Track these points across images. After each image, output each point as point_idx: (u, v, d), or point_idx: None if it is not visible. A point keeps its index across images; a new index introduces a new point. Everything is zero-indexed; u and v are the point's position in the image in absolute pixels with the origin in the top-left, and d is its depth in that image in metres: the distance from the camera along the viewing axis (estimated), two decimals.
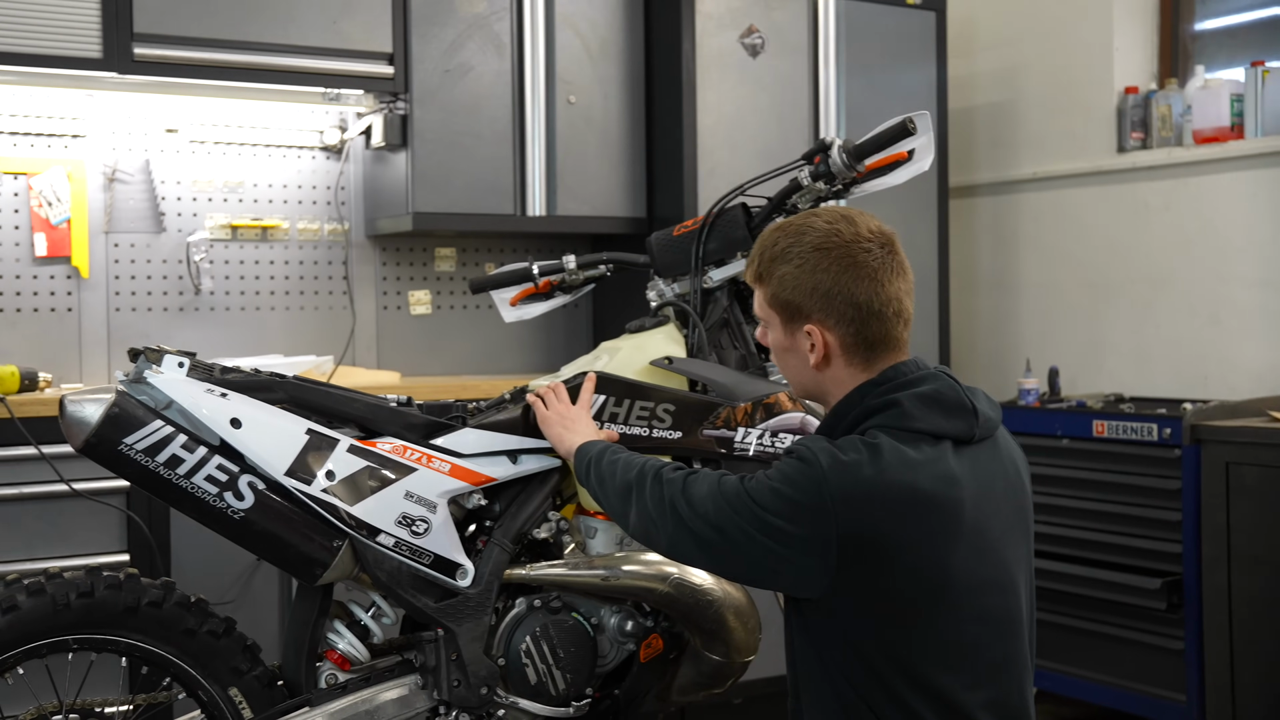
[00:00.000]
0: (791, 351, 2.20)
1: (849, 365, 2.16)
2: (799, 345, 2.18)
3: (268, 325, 4.29)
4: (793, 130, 4.45)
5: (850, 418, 2.13)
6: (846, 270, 2.12)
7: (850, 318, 2.13)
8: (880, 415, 2.09)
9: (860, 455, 2.01)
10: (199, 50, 3.79)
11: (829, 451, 2.02)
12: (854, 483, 1.99)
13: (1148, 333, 4.71)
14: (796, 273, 2.14)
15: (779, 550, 2.02)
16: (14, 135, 3.93)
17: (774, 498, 2.02)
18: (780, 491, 2.02)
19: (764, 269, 2.20)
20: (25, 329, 3.96)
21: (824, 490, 1.99)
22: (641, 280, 3.02)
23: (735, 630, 2.67)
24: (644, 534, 2.22)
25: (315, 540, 2.39)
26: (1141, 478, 4.02)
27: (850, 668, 2.06)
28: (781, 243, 2.18)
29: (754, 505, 2.04)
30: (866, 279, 2.12)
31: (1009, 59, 5.19)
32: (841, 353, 2.15)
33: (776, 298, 2.18)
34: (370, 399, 2.55)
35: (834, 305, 2.13)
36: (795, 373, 2.22)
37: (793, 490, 2.01)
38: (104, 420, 2.29)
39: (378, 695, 2.50)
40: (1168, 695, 3.96)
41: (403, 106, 4.10)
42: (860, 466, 2.00)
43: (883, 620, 2.04)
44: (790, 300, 2.16)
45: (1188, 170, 4.58)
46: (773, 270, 2.18)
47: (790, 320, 2.17)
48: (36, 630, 2.33)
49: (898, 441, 2.04)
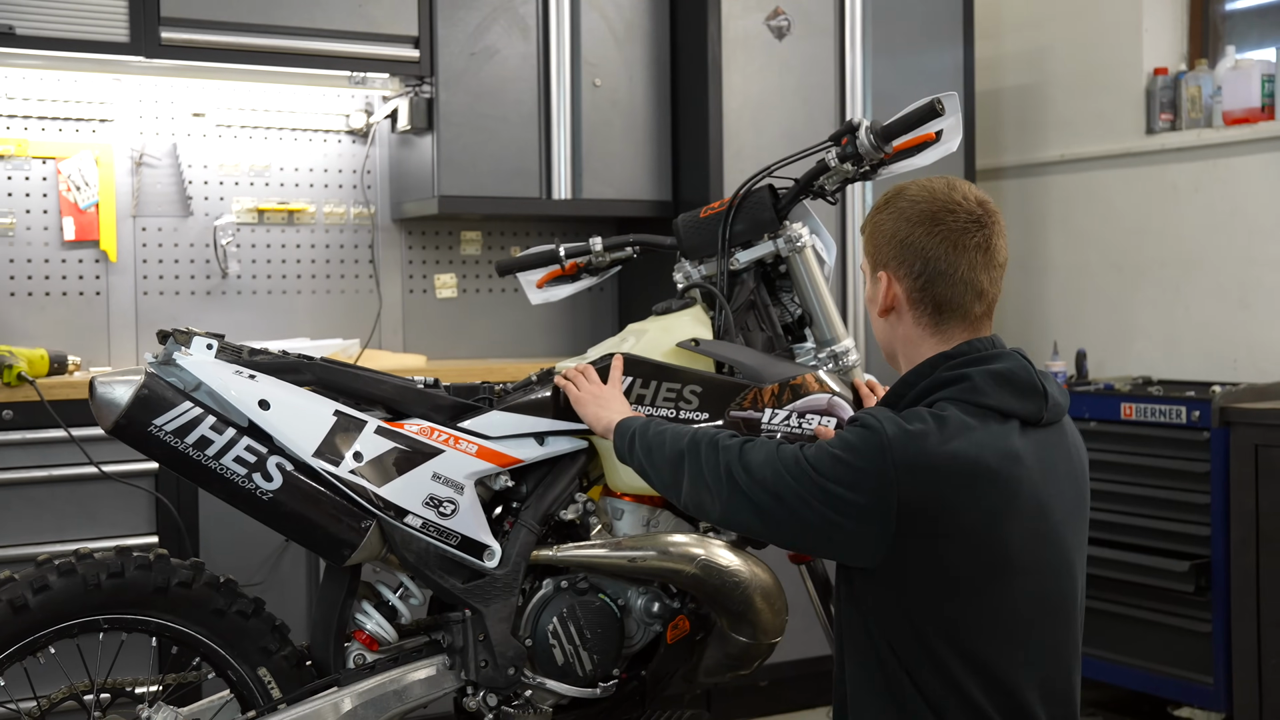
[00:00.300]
0: (872, 301, 2.25)
1: (916, 323, 2.18)
2: (877, 296, 2.22)
3: (294, 309, 4.31)
4: (818, 112, 4.44)
5: (920, 387, 2.13)
6: (924, 224, 2.16)
7: (919, 271, 2.15)
8: (950, 388, 2.09)
9: (926, 425, 2.01)
10: (225, 34, 3.80)
11: (894, 420, 2.03)
12: (917, 452, 1.99)
13: (1176, 315, 4.68)
14: (884, 221, 2.20)
15: (837, 518, 2.02)
16: (42, 120, 3.95)
17: (835, 464, 2.02)
18: (841, 459, 2.02)
19: (866, 220, 2.26)
20: (54, 312, 3.98)
21: (886, 458, 1.99)
22: (668, 262, 3.01)
23: (762, 612, 2.66)
24: (696, 502, 2.22)
25: (343, 521, 2.40)
26: (1170, 460, 4.01)
27: (898, 638, 2.06)
28: (885, 196, 2.24)
29: (814, 472, 2.04)
30: (942, 238, 2.15)
31: (1036, 40, 5.16)
32: (909, 307, 2.18)
33: (867, 245, 2.24)
34: (397, 380, 2.56)
35: (906, 256, 2.16)
36: (876, 329, 2.27)
37: (854, 457, 2.01)
38: (134, 402, 2.30)
39: (406, 675, 2.51)
40: (1195, 678, 3.95)
41: (428, 90, 4.10)
42: (925, 436, 2.00)
43: (937, 592, 2.04)
44: (875, 247, 2.22)
45: (1217, 152, 4.54)
46: (871, 219, 2.24)
47: (874, 267, 2.22)
48: (68, 610, 2.34)
49: (965, 415, 2.04)
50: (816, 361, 2.87)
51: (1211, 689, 3.90)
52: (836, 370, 2.86)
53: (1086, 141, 4.96)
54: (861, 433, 2.03)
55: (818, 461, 2.05)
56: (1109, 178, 4.90)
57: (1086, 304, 4.93)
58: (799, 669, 4.25)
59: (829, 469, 2.03)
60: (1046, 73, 5.12)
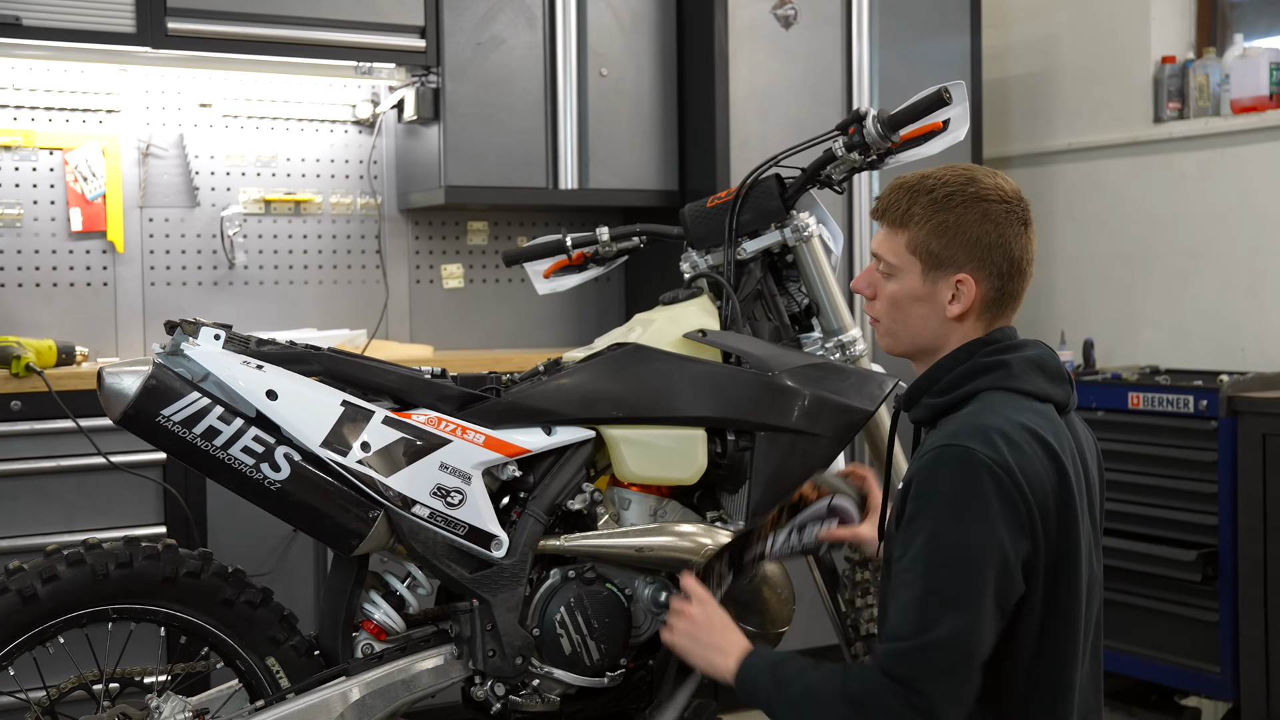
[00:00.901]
0: (925, 301, 2.16)
1: (977, 321, 2.16)
2: (938, 295, 2.15)
3: (301, 299, 4.31)
4: (825, 102, 4.43)
5: (956, 372, 2.13)
6: (1009, 224, 2.13)
7: (1001, 272, 2.13)
8: (989, 375, 2.10)
9: (1005, 450, 2.01)
10: (232, 24, 3.81)
11: (988, 474, 1.99)
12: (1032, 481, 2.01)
13: (1184, 304, 4.68)
14: (959, 221, 2.12)
15: (1013, 587, 2.01)
16: (49, 110, 3.95)
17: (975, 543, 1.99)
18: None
19: (905, 214, 2.15)
20: (62, 303, 3.99)
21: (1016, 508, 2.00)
22: (674, 252, 3.01)
23: (769, 601, 2.67)
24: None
25: (351, 511, 2.40)
26: (1177, 450, 4.00)
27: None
28: (939, 190, 2.14)
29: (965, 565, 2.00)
30: (1023, 236, 2.14)
31: (1044, 29, 5.14)
32: (981, 308, 2.15)
33: (923, 244, 2.14)
34: (405, 371, 2.56)
35: (990, 258, 2.12)
36: (917, 324, 2.18)
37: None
38: (142, 392, 2.30)
39: (414, 665, 2.51)
40: (1202, 667, 3.95)
41: (435, 80, 4.10)
42: (1021, 464, 2.01)
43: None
44: (942, 248, 2.13)
45: (1225, 140, 4.53)
46: (924, 215, 2.13)
47: (936, 268, 2.14)
48: (76, 600, 2.35)
49: (1006, 402, 2.06)
50: (823, 351, 2.87)
51: (1218, 678, 3.90)
52: (844, 360, 2.86)
53: (1094, 130, 4.95)
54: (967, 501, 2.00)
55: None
56: (1116, 167, 4.89)
57: (1094, 293, 4.92)
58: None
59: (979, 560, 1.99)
60: (1054, 62, 5.11)
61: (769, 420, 2.65)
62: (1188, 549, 3.95)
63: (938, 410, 2.15)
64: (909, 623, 1.98)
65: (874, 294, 2.23)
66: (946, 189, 2.13)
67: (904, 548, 2.03)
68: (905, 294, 2.17)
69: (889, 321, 2.22)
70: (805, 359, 2.73)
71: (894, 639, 1.99)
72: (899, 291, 2.18)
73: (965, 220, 2.12)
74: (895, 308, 2.19)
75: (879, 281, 2.22)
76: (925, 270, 2.15)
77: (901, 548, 2.04)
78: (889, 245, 2.18)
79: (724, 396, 2.65)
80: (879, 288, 2.22)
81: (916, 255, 2.15)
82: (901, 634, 1.99)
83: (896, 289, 2.18)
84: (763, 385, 2.66)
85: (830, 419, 2.67)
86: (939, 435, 2.08)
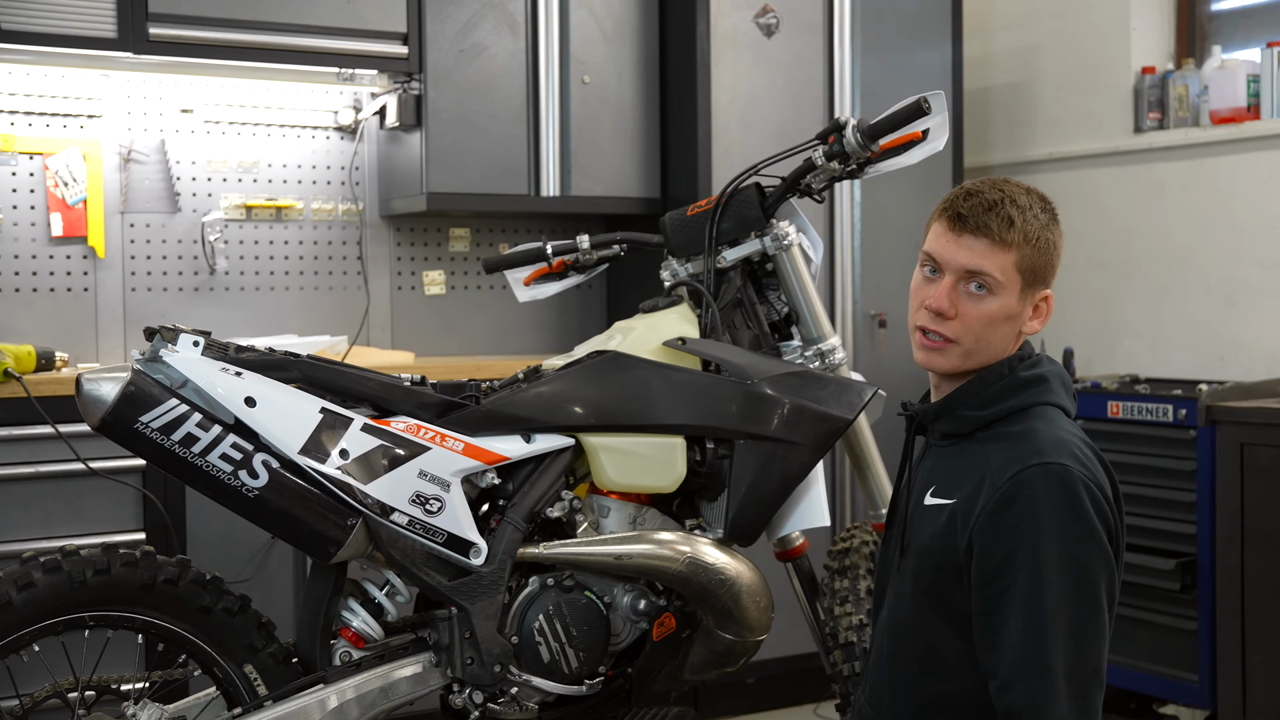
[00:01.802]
0: (1014, 319, 2.14)
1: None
2: (1024, 312, 2.15)
3: (282, 305, 4.30)
4: (807, 110, 4.44)
5: (999, 387, 2.13)
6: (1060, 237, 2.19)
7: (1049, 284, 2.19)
8: (1032, 390, 2.12)
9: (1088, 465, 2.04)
10: (214, 30, 3.80)
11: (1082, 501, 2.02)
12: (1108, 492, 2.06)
13: (1164, 314, 4.69)
14: (1054, 240, 2.16)
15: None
16: (30, 115, 3.94)
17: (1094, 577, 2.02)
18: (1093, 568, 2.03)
19: (1014, 230, 2.12)
20: (42, 308, 3.98)
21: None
22: (655, 260, 3.02)
23: (748, 609, 2.67)
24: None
25: (329, 518, 2.40)
26: (1156, 459, 4.01)
27: None
28: (1033, 207, 2.14)
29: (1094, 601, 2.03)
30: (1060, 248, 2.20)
31: (1025, 39, 5.16)
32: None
33: (1029, 262, 2.13)
34: (384, 378, 2.56)
35: (1055, 272, 2.18)
36: (999, 342, 2.15)
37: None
38: (120, 398, 2.30)
39: (392, 672, 2.51)
40: (1180, 675, 3.96)
41: (417, 86, 4.10)
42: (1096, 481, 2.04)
43: None
44: (1044, 268, 2.15)
45: (1205, 151, 4.56)
46: (1031, 234, 2.12)
47: (1031, 285, 2.14)
48: (53, 607, 2.34)
49: (1057, 418, 2.10)
50: (803, 360, 2.88)
51: (1196, 686, 3.91)
52: (824, 368, 2.86)
53: (1074, 140, 4.98)
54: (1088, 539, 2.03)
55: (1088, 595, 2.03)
56: (1097, 176, 4.91)
57: (1074, 302, 4.93)
58: (786, 666, 4.26)
59: (1099, 593, 2.04)
60: (1035, 71, 5.13)
61: (748, 428, 2.66)
62: (1166, 558, 3.96)
63: (976, 423, 2.13)
64: (1034, 654, 1.95)
65: (955, 313, 2.14)
66: (1044, 205, 2.17)
67: (1006, 569, 1.99)
68: (1003, 312, 2.13)
69: (972, 341, 2.14)
70: (785, 367, 2.74)
71: (1025, 672, 1.96)
72: (999, 310, 2.12)
73: (1057, 238, 2.17)
74: (989, 326, 2.13)
75: (961, 299, 2.14)
76: (1024, 288, 2.14)
77: (1000, 567, 1.99)
78: (994, 262, 2.11)
79: (703, 405, 2.65)
80: (961, 305, 2.14)
81: (1021, 273, 2.13)
82: (1032, 666, 1.96)
83: (996, 308, 2.12)
84: (742, 393, 2.67)
85: (809, 427, 2.67)
86: (1013, 450, 2.05)
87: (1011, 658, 1.97)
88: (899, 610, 2.17)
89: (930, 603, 2.10)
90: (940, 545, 2.08)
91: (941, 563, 2.08)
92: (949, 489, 2.11)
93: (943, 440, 2.19)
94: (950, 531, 2.07)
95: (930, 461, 2.20)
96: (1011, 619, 1.97)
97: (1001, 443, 2.08)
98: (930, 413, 2.20)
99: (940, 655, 2.10)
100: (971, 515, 2.04)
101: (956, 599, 2.06)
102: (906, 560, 2.17)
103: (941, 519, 2.09)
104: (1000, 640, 1.99)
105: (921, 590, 2.12)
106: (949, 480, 2.12)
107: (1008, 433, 2.09)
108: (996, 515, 2.01)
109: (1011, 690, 1.97)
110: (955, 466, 2.13)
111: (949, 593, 2.07)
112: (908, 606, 2.14)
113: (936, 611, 2.09)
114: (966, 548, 2.04)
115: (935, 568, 2.09)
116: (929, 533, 2.11)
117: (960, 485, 2.09)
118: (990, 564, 2.01)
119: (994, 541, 2.01)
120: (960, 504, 2.07)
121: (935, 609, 2.09)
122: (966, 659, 2.07)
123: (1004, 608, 1.99)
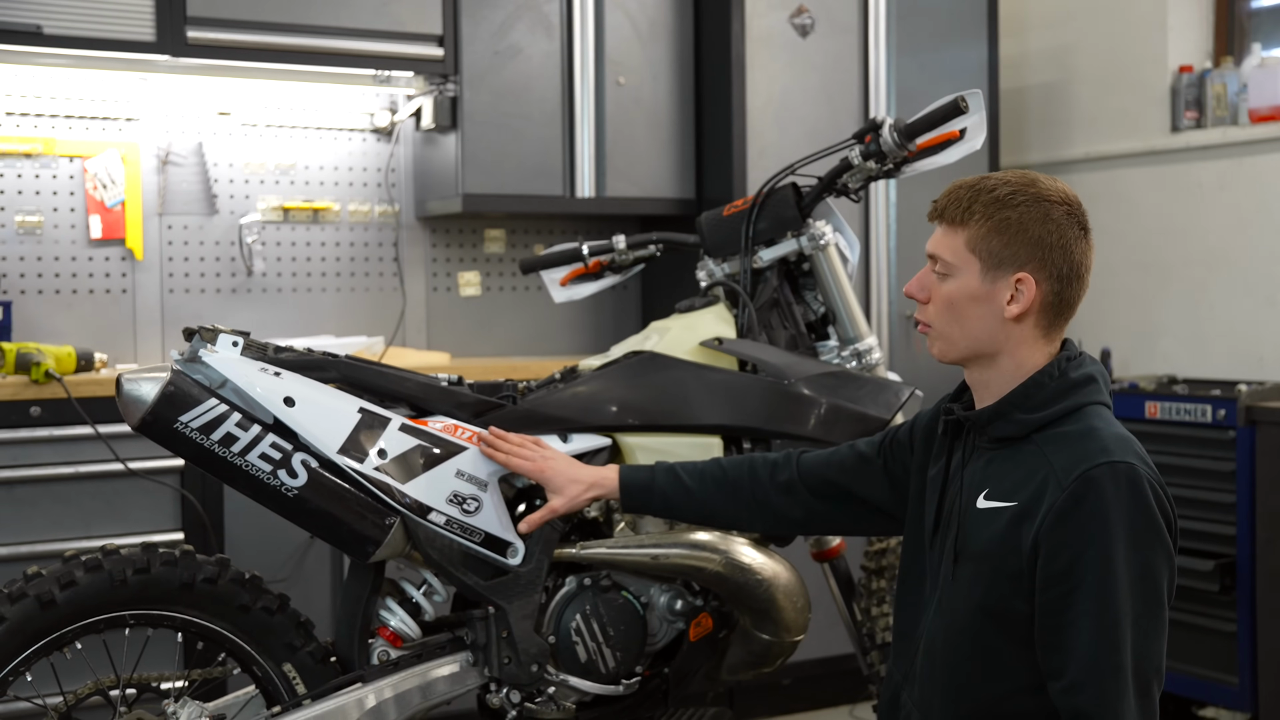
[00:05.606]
0: (983, 302, 2.11)
1: (1035, 326, 2.12)
2: (996, 296, 2.10)
3: (319, 306, 4.32)
4: (842, 110, 4.43)
5: (1052, 388, 2.10)
6: (1070, 228, 2.12)
7: (1061, 275, 2.11)
8: (1084, 389, 2.10)
9: (1142, 466, 2.03)
10: (251, 33, 3.82)
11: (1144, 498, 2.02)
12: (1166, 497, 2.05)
13: (1202, 314, 4.66)
14: (1020, 219, 2.09)
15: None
16: (69, 118, 3.98)
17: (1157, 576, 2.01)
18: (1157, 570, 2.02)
19: (965, 211, 2.11)
20: (81, 310, 4.01)
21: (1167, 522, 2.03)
22: (691, 261, 3.02)
23: (785, 609, 2.67)
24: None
25: (367, 518, 2.41)
26: (1195, 459, 3.99)
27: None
28: (1001, 189, 2.10)
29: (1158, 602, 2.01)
30: (1083, 241, 2.14)
31: (1061, 38, 5.14)
32: (1038, 311, 2.12)
33: (983, 241, 2.10)
34: (421, 378, 2.57)
35: (1051, 259, 2.10)
36: (974, 326, 2.13)
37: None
38: (160, 398, 2.31)
39: (429, 672, 2.52)
40: (1220, 677, 3.93)
41: (452, 88, 4.11)
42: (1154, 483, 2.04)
43: None
44: (1003, 247, 2.09)
45: (1243, 150, 4.52)
46: (985, 213, 2.10)
47: (995, 267, 2.10)
48: (94, 606, 2.36)
49: (1110, 417, 2.09)
50: (840, 360, 2.87)
51: (1236, 689, 3.88)
52: (860, 368, 2.86)
53: (1111, 140, 4.95)
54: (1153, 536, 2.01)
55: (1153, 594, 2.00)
56: (1134, 176, 4.88)
57: (1111, 302, 4.91)
58: (823, 667, 4.25)
59: (1163, 590, 2.01)
60: (1071, 70, 5.10)
61: (785, 428, 2.66)
62: (1205, 559, 3.93)
63: (1032, 426, 2.10)
64: (1106, 655, 1.95)
65: (927, 297, 2.16)
66: (1008, 187, 2.10)
67: (1074, 569, 1.98)
68: (962, 294, 2.11)
69: (943, 325, 2.15)
70: (821, 367, 2.73)
71: (1096, 673, 1.95)
72: (955, 292, 2.12)
73: (1027, 218, 2.09)
74: (951, 309, 2.13)
75: (933, 284, 2.15)
76: (984, 269, 2.10)
77: (1069, 568, 1.98)
78: (947, 244, 2.12)
79: (740, 404, 2.65)
80: (933, 290, 2.15)
81: (975, 254, 2.10)
82: (1104, 666, 1.95)
83: (953, 289, 2.12)
84: (779, 393, 2.66)
85: (846, 427, 2.67)
86: (1075, 449, 2.03)
87: (1081, 658, 1.96)
88: (952, 614, 2.14)
89: (987, 606, 2.08)
90: (1001, 549, 2.05)
91: (1001, 566, 2.05)
92: (1006, 492, 2.07)
93: (991, 444, 2.17)
94: (1013, 534, 2.04)
95: (978, 464, 2.17)
96: (1081, 619, 1.96)
97: (1061, 443, 2.05)
98: (983, 417, 2.17)
99: (997, 659, 2.08)
100: (1037, 516, 2.01)
101: (1016, 603, 2.04)
102: (961, 566, 2.12)
103: (1001, 522, 2.06)
104: (1068, 641, 1.98)
105: (979, 594, 2.09)
106: (1005, 483, 2.09)
107: (1066, 433, 2.07)
108: (1065, 515, 1.99)
109: (1082, 691, 1.95)
110: (1010, 469, 2.09)
111: (1008, 596, 2.05)
112: (961, 611, 2.12)
113: (993, 615, 2.07)
114: (1032, 549, 2.02)
115: (994, 570, 2.06)
116: (986, 536, 2.07)
117: (1020, 487, 2.06)
118: (1058, 564, 1.99)
119: (1063, 541, 1.98)
120: (1022, 506, 2.04)
121: (992, 612, 2.07)
122: (1023, 662, 2.05)
123: (1073, 608, 1.97)
